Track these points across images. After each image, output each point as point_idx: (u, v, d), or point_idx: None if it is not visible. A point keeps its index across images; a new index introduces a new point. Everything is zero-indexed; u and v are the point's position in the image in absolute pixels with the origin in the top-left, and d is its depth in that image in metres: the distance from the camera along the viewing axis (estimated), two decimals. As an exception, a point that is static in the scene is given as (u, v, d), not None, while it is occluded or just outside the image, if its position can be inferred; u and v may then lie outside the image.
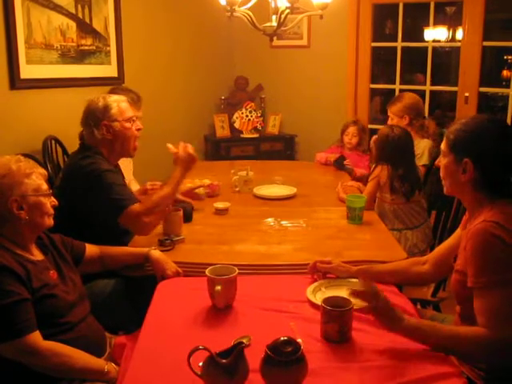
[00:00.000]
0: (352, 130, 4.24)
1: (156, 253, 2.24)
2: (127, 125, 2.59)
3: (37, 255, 1.90)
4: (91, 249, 2.22)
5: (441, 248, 2.08)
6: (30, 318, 1.70)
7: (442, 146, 1.82)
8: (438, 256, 2.05)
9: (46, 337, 1.74)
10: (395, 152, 3.10)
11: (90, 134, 2.57)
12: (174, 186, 2.53)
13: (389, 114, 3.80)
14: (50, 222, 1.93)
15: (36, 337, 1.70)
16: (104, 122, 2.54)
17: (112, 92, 3.17)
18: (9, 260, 1.73)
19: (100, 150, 2.57)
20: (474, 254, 1.61)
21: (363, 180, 3.56)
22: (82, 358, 1.77)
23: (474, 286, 1.60)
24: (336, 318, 1.64)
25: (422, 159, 3.53)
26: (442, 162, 1.83)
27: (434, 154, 3.54)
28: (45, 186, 1.90)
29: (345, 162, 3.95)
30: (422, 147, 3.58)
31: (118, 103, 2.59)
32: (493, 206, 1.67)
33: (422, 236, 3.13)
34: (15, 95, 3.49)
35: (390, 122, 3.76)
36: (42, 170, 1.93)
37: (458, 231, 1.97)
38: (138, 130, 2.66)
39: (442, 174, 1.85)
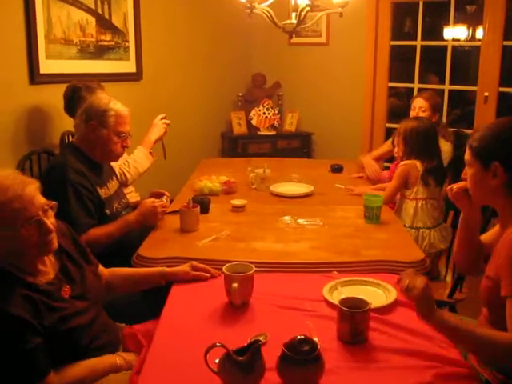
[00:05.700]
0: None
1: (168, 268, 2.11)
2: (114, 138, 2.60)
3: (49, 272, 1.75)
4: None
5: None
6: (38, 366, 1.58)
7: (466, 156, 1.80)
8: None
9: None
10: (426, 144, 3.08)
11: (78, 126, 2.63)
12: (120, 228, 2.54)
13: (422, 106, 3.60)
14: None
15: (48, 380, 1.59)
16: (93, 122, 2.56)
17: (71, 88, 3.23)
18: (14, 300, 1.56)
19: (82, 147, 2.60)
20: (511, 262, 1.55)
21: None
22: (93, 370, 1.73)
23: (509, 295, 1.53)
24: (348, 318, 1.61)
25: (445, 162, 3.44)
26: (468, 172, 1.80)
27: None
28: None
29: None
30: (446, 151, 3.49)
31: (117, 113, 2.59)
32: None
33: (438, 236, 3.09)
34: (35, 90, 3.52)
35: (422, 114, 3.55)
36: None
37: (495, 229, 1.93)
38: (124, 147, 2.67)
39: (470, 186, 1.81)
